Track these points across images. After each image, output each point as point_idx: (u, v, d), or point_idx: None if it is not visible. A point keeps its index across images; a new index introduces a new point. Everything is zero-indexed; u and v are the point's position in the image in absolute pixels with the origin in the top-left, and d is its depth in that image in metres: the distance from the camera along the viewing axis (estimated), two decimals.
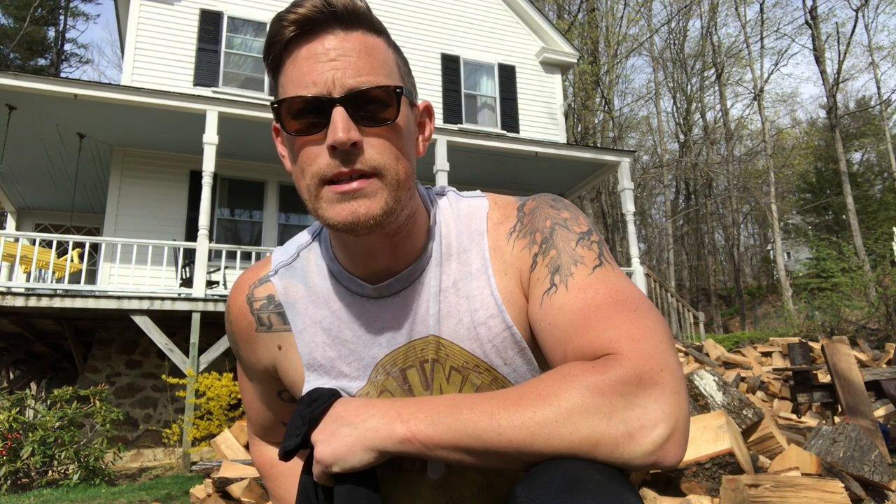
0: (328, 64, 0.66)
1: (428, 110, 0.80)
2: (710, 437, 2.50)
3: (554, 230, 0.75)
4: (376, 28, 0.71)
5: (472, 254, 0.78)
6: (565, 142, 12.73)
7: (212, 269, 8.72)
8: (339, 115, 0.66)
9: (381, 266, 0.76)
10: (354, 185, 0.67)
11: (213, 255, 9.03)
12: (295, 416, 0.71)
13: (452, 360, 0.77)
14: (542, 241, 0.75)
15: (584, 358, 0.63)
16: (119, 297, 7.45)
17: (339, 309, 0.79)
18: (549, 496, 0.54)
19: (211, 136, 8.10)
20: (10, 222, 12.37)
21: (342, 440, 0.64)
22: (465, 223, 0.80)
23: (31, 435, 5.91)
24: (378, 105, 0.68)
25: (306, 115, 0.68)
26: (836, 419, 5.00)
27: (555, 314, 0.68)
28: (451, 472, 0.78)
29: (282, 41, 0.69)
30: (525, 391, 0.61)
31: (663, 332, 0.65)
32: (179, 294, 8.03)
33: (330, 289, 0.80)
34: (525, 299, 0.76)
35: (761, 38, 24.73)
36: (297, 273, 0.82)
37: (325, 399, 0.71)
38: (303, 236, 0.86)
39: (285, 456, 0.69)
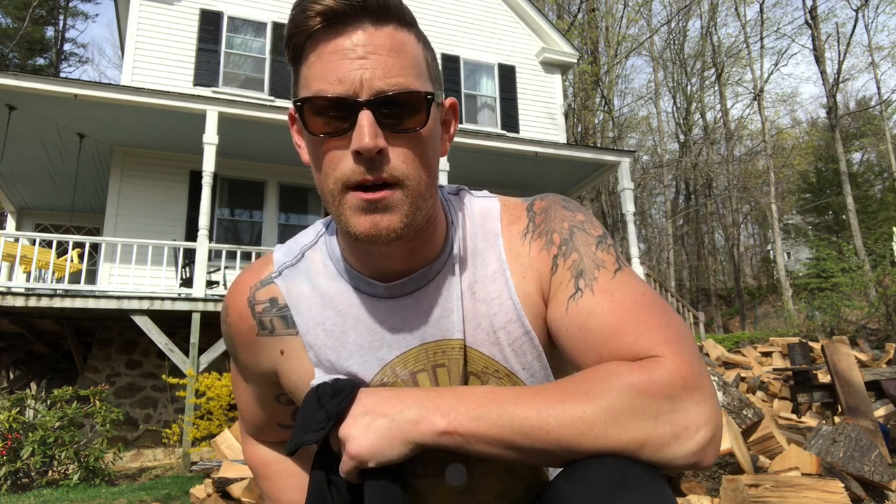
0: (356, 62, 0.62)
1: (453, 108, 0.76)
2: None
3: (573, 233, 0.74)
4: (407, 21, 0.67)
5: (488, 256, 0.76)
6: (565, 142, 12.72)
7: (212, 269, 8.72)
8: (365, 118, 0.62)
9: (396, 268, 0.74)
10: (380, 194, 0.64)
11: (213, 255, 9.03)
12: (313, 409, 0.67)
13: (472, 364, 0.75)
14: (562, 243, 0.74)
15: (623, 360, 0.64)
16: (119, 297, 7.44)
17: (345, 309, 0.76)
18: (597, 492, 0.55)
19: (211, 136, 8.09)
20: (10, 222, 12.37)
21: (378, 433, 0.62)
22: (480, 224, 0.79)
23: (31, 435, 5.90)
24: (407, 110, 0.64)
25: (330, 115, 0.64)
26: (836, 419, 5.00)
27: (584, 318, 0.68)
28: (472, 479, 0.77)
29: (306, 31, 0.64)
30: (569, 388, 0.61)
31: (691, 334, 0.67)
32: (179, 294, 8.03)
33: (337, 289, 0.77)
34: (543, 303, 0.74)
35: (761, 38, 24.73)
36: (302, 274, 0.79)
37: (348, 391, 0.67)
38: (306, 235, 0.82)
39: (295, 451, 0.67)
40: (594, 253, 0.72)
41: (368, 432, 0.62)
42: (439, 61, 11.72)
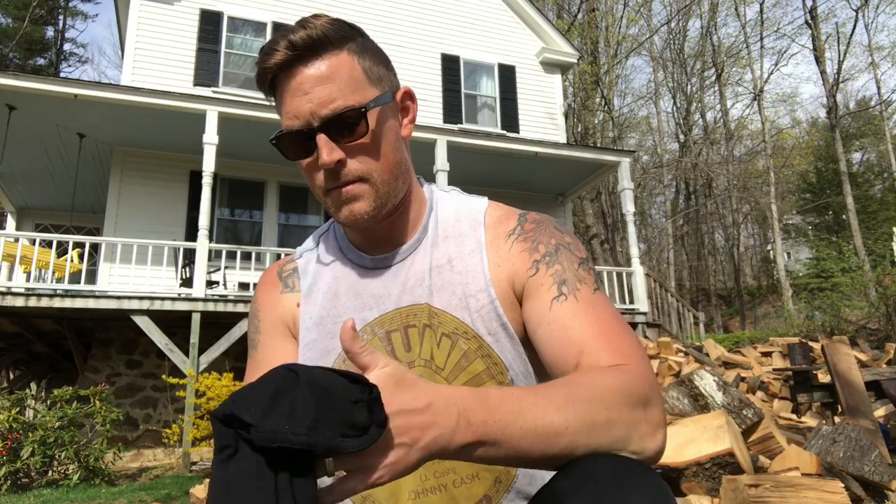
0: (303, 98, 0.79)
1: (408, 95, 0.90)
2: (710, 437, 2.50)
3: (559, 249, 0.85)
4: (336, 44, 0.81)
5: (469, 238, 0.90)
6: (565, 142, 12.73)
7: (212, 269, 8.72)
8: (321, 141, 0.79)
9: (381, 242, 0.90)
10: (346, 189, 0.82)
11: (213, 255, 9.03)
12: (335, 397, 0.51)
13: (444, 327, 0.86)
14: (546, 254, 0.85)
15: (601, 361, 0.73)
16: (119, 298, 7.45)
17: (340, 276, 0.92)
18: (600, 487, 0.57)
19: (211, 136, 8.10)
20: (10, 222, 12.37)
21: (408, 463, 0.56)
22: (465, 213, 0.93)
23: (31, 435, 5.90)
24: (350, 125, 0.80)
25: (298, 143, 0.81)
26: (836, 419, 5.00)
27: (569, 319, 0.78)
28: None
29: (266, 83, 0.83)
30: (575, 391, 0.65)
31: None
32: (179, 294, 8.03)
33: (336, 260, 0.94)
34: (511, 292, 0.86)
35: (761, 38, 24.75)
36: (315, 253, 0.98)
37: (369, 391, 0.53)
38: (322, 228, 1.01)
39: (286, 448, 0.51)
40: (576, 270, 0.83)
41: (400, 465, 0.55)
42: (439, 61, 11.88)
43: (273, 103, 0.86)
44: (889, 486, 2.86)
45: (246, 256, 9.28)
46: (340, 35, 0.81)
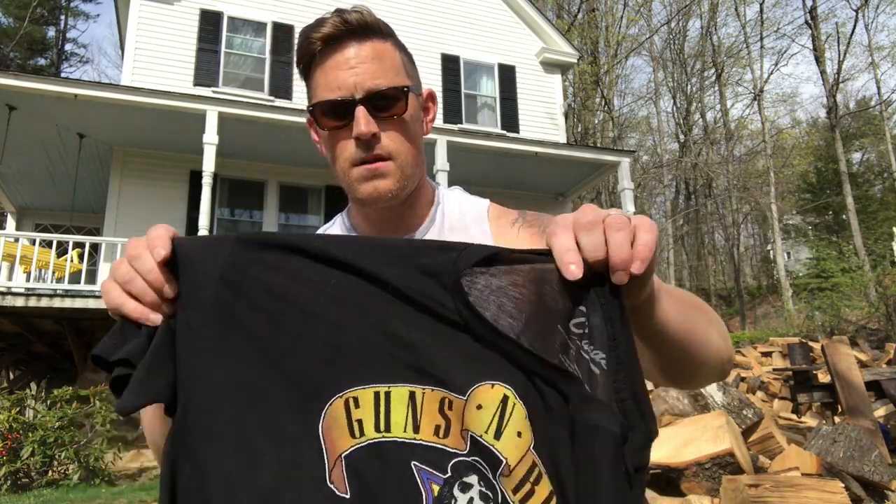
0: (349, 71, 0.82)
1: (431, 96, 0.96)
2: (710, 438, 2.50)
3: None
4: (384, 34, 0.87)
5: (474, 230, 0.94)
6: (565, 142, 12.72)
7: None
8: (360, 112, 0.81)
9: (388, 230, 0.93)
10: (375, 164, 0.84)
11: None
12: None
13: None
14: None
15: None
16: None
17: None
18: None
19: (211, 136, 8.10)
20: (10, 222, 12.37)
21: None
22: (469, 209, 0.97)
23: (31, 435, 5.90)
24: (390, 101, 0.84)
25: (335, 114, 0.84)
26: (836, 419, 5.00)
27: None
28: None
29: (311, 54, 0.85)
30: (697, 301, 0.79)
31: None
32: None
33: None
34: None
35: (761, 38, 24.75)
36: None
37: None
38: (331, 220, 1.05)
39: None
40: None
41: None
42: (439, 61, 11.87)
43: (300, 73, 0.89)
44: (889, 486, 2.86)
45: None
46: (388, 30, 0.88)
